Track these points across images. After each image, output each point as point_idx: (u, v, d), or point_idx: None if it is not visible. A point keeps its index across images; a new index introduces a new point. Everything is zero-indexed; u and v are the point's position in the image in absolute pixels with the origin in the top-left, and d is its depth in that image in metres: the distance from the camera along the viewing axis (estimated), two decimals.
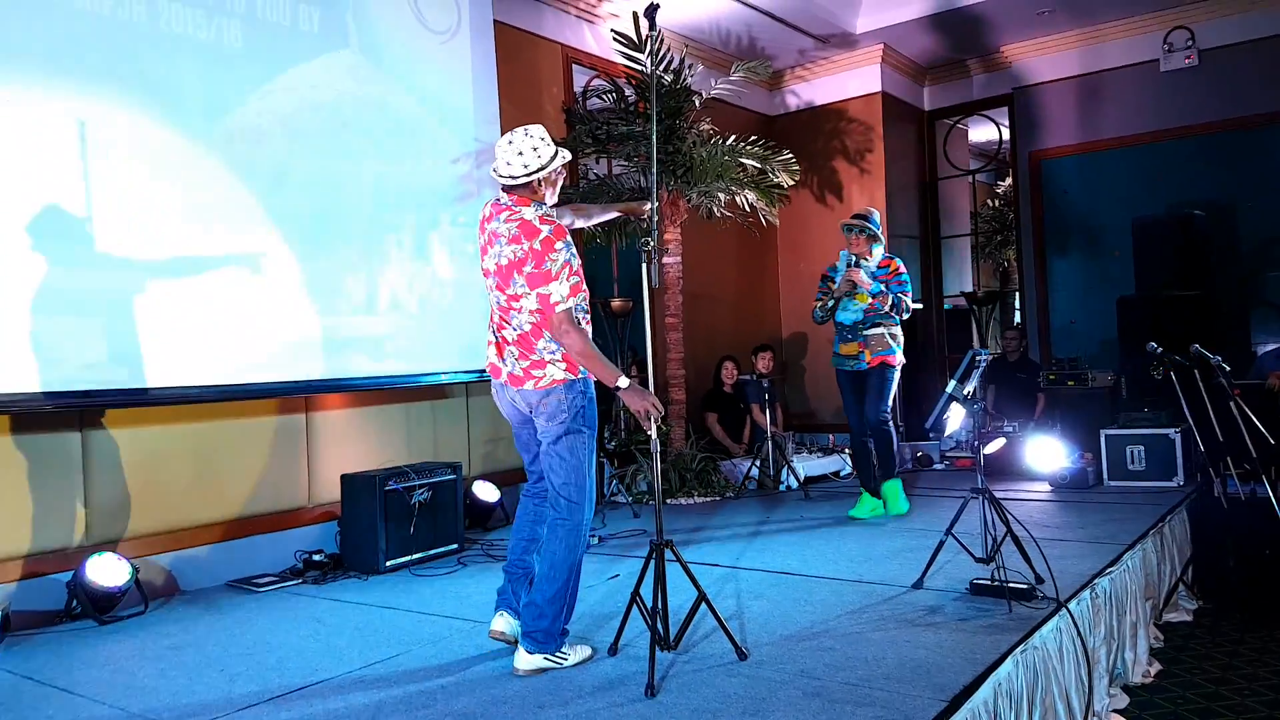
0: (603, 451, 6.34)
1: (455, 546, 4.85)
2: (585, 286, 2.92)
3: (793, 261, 8.90)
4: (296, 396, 4.85)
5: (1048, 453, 6.11)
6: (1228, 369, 4.74)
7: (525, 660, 2.88)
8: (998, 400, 7.73)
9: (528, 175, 2.87)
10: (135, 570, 3.99)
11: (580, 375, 2.93)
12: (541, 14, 6.54)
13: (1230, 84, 7.55)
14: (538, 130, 2.92)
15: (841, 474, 7.17)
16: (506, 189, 2.93)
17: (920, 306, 9.17)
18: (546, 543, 2.93)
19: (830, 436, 7.95)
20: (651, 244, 2.97)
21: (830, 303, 5.18)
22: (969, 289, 9.22)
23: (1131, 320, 6.55)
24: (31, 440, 3.96)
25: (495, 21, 5.88)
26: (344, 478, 4.72)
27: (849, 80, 8.59)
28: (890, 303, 5.03)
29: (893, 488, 5.22)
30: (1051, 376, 6.90)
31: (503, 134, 3.03)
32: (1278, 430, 4.76)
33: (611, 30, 6.33)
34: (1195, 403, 5.05)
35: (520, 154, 2.86)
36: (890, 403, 5.15)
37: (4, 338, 3.66)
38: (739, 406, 7.42)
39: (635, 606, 2.94)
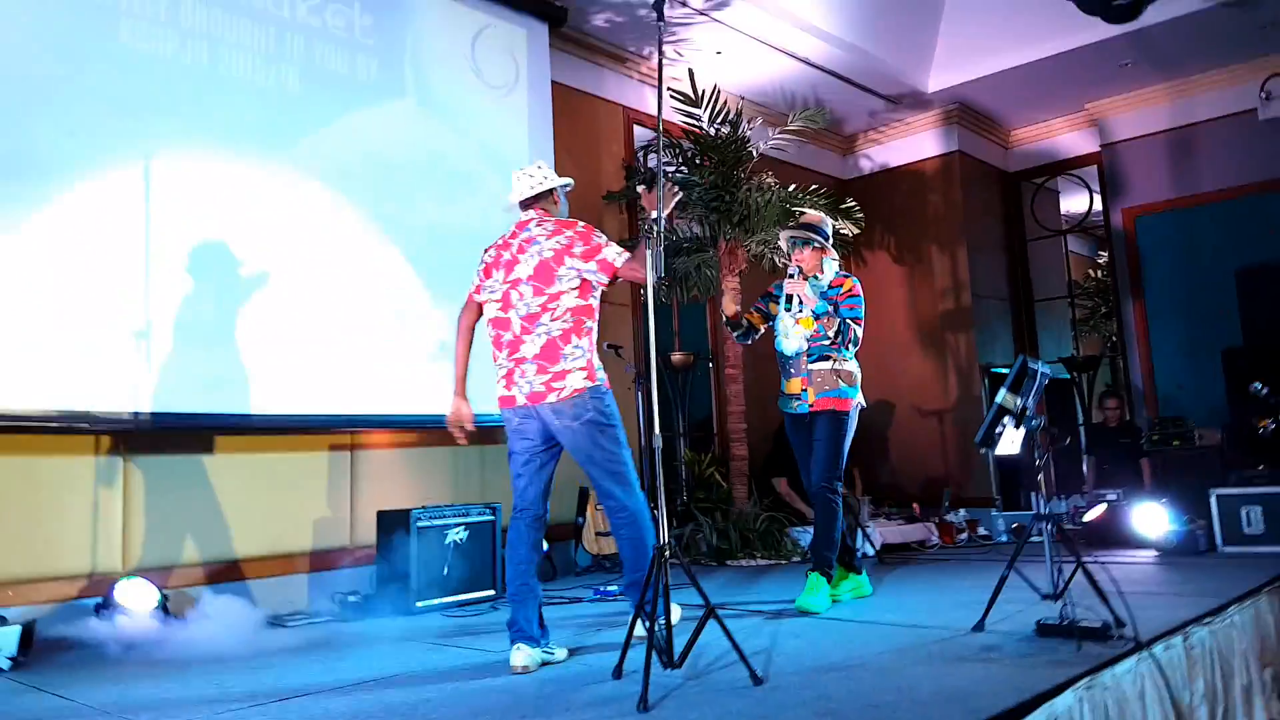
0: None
1: (492, 593, 4.63)
2: None
3: (870, 326, 8.53)
4: (342, 434, 4.84)
5: (1153, 518, 5.53)
6: None
7: None
8: (1101, 471, 7.14)
9: (549, 184, 3.26)
10: (165, 598, 3.95)
11: (598, 381, 3.10)
12: (603, 77, 6.68)
13: None
14: (540, 162, 3.42)
15: (928, 544, 6.67)
16: (528, 204, 3.26)
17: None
18: (620, 546, 3.16)
19: (915, 506, 7.44)
20: (659, 227, 2.83)
21: (744, 322, 4.21)
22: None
23: (1239, 372, 5.98)
24: (72, 463, 4.03)
25: (558, 83, 6.04)
26: (380, 514, 4.62)
27: (924, 141, 8.41)
28: (836, 329, 3.98)
29: (816, 582, 3.87)
30: (1155, 438, 6.31)
31: None
32: None
33: (669, 89, 6.38)
34: None
35: (540, 168, 3.31)
36: (843, 466, 4.02)
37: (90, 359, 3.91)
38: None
39: (640, 623, 2.69)
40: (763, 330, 4.31)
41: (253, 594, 4.41)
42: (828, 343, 4.03)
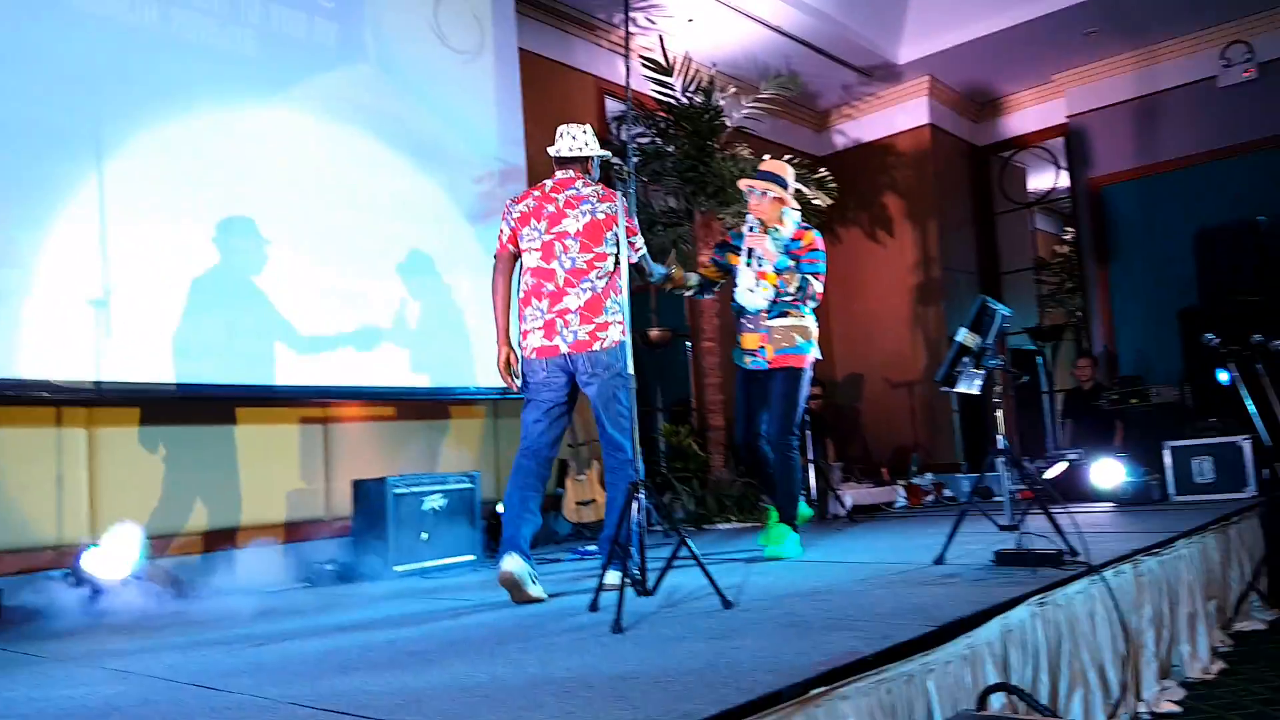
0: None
1: (472, 558, 4.66)
2: None
3: (844, 301, 8.70)
4: (313, 407, 4.84)
5: (1110, 472, 5.72)
6: None
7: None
8: (1077, 435, 7.33)
9: (590, 151, 3.39)
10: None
11: (626, 337, 3.23)
12: (572, 46, 6.70)
13: None
14: (587, 125, 3.49)
15: (896, 505, 6.83)
16: (567, 163, 3.39)
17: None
18: (610, 492, 3.28)
19: (884, 471, 7.59)
20: (628, 170, 2.96)
21: (696, 279, 4.16)
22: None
23: (1195, 331, 6.14)
24: (33, 434, 3.97)
25: (526, 51, 6.01)
26: (355, 483, 4.63)
27: (896, 115, 8.53)
28: (797, 285, 3.92)
29: (782, 531, 3.93)
30: (1114, 397, 6.49)
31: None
32: None
33: (640, 57, 6.43)
34: (1260, 400, 4.63)
35: (585, 131, 3.43)
36: (799, 419, 4.00)
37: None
38: None
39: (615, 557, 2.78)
40: (722, 283, 4.27)
41: (226, 564, 4.37)
42: (789, 299, 3.97)
